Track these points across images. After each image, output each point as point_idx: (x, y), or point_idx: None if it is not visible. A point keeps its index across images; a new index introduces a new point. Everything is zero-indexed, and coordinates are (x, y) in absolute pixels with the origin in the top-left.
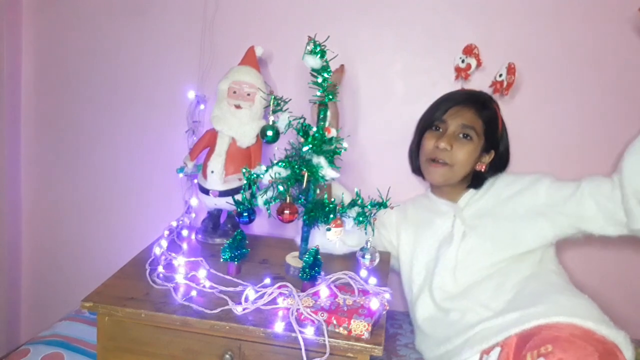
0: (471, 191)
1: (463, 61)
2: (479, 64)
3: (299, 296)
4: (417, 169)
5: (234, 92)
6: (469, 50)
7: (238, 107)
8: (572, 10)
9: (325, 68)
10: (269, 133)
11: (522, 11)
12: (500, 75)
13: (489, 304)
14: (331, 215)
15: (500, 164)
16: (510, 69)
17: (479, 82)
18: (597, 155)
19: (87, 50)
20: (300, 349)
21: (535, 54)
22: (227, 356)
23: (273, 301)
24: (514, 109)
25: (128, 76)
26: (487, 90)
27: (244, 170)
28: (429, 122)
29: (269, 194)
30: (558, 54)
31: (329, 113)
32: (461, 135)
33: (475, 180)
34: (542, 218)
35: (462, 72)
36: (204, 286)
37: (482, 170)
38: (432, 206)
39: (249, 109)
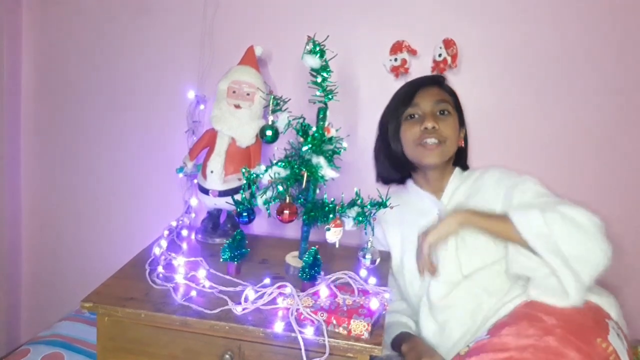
0: (456, 175)
1: (396, 60)
2: (413, 54)
3: (298, 296)
4: (383, 175)
5: (234, 92)
6: (397, 48)
7: (237, 106)
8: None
9: (324, 68)
10: (269, 133)
11: (521, 12)
12: (440, 55)
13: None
14: (330, 215)
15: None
16: (447, 43)
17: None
18: (595, 155)
19: (87, 51)
20: (300, 349)
21: (532, 53)
22: (227, 356)
23: (273, 301)
24: (509, 107)
25: (128, 76)
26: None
27: (243, 170)
28: (396, 115)
29: (269, 194)
30: (557, 53)
31: None
32: (439, 113)
33: (459, 158)
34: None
35: (400, 69)
36: (203, 286)
37: (462, 145)
38: (413, 202)
39: (248, 108)
